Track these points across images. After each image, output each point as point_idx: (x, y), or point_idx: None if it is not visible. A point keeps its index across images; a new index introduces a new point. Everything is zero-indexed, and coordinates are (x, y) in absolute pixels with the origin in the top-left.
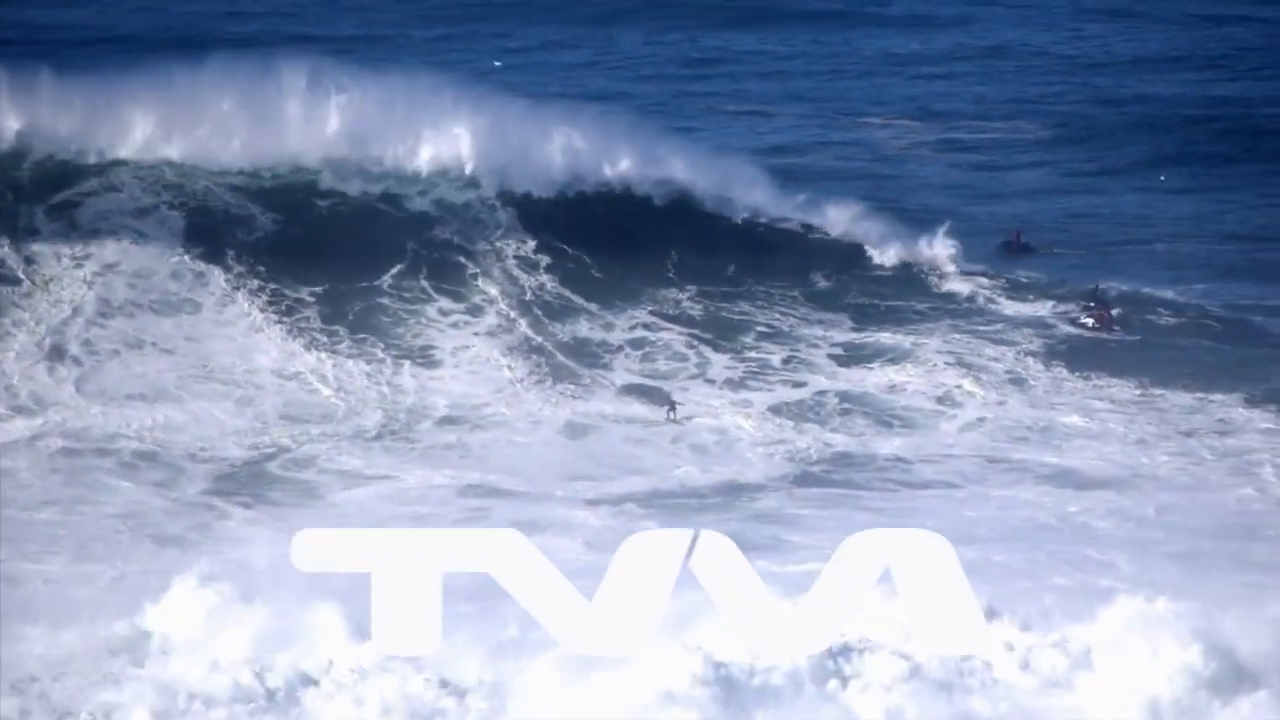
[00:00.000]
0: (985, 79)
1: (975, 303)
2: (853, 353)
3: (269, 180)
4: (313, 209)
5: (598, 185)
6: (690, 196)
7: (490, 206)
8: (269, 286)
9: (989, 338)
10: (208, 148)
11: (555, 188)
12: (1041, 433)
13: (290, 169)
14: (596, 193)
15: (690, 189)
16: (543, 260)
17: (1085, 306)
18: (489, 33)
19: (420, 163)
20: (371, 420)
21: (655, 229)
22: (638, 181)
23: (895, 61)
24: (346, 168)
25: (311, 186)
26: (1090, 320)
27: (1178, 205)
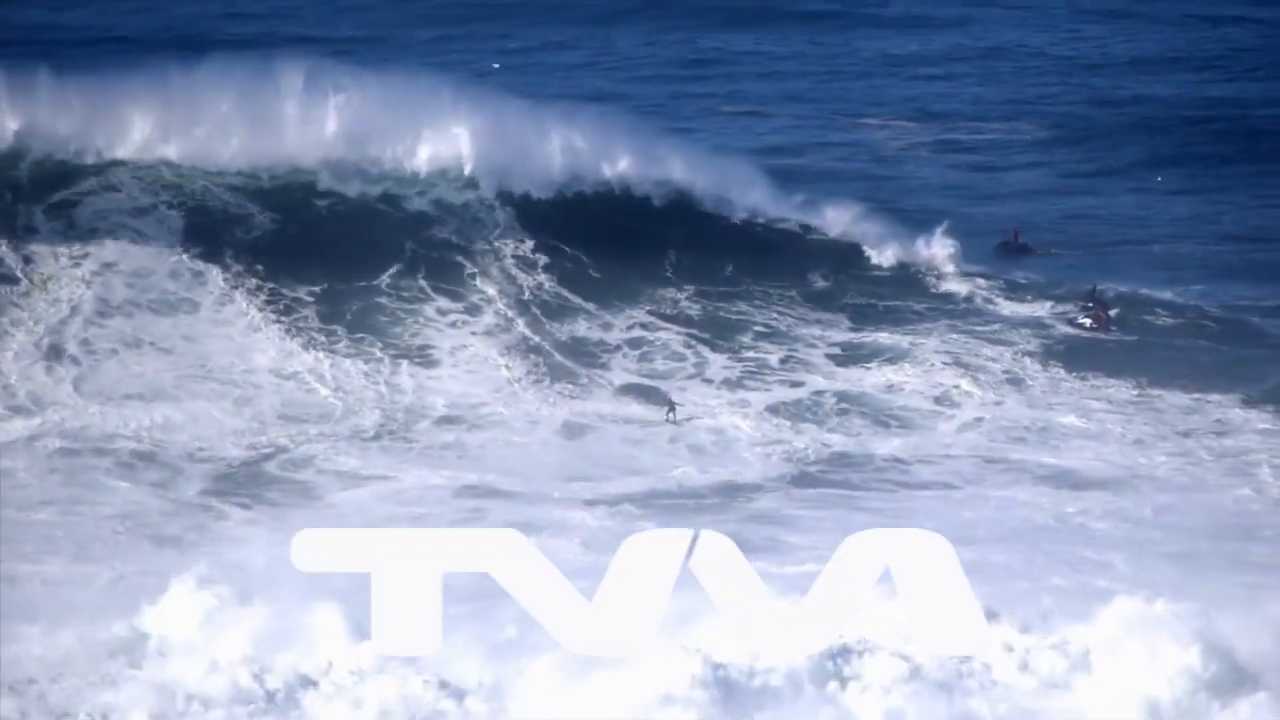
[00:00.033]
0: (983, 80)
1: (973, 303)
2: (850, 353)
3: (267, 180)
4: (311, 209)
5: (596, 185)
6: (688, 197)
7: (489, 206)
8: (267, 286)
9: (987, 338)
10: (206, 148)
11: (554, 188)
12: (1039, 433)
13: (289, 169)
14: (595, 193)
15: (688, 189)
16: (541, 260)
17: (1083, 307)
18: (488, 34)
19: (419, 163)
20: (369, 420)
21: (653, 229)
22: (636, 182)
23: (893, 62)
24: (345, 168)
25: (310, 187)
26: (1088, 320)
27: (1175, 206)
